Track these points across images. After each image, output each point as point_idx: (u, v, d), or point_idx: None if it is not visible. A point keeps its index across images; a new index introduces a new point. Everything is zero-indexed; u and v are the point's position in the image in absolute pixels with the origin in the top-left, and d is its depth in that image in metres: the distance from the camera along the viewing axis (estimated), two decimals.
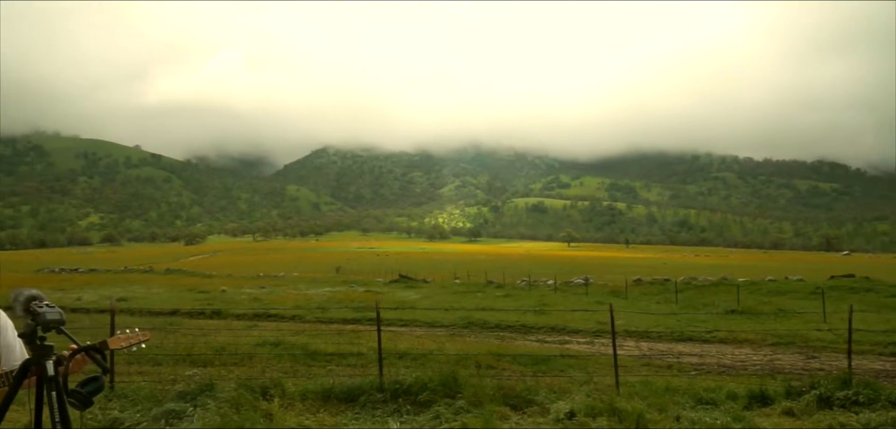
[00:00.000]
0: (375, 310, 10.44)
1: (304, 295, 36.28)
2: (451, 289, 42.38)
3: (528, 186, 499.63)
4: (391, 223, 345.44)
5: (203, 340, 15.13)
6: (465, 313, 23.70)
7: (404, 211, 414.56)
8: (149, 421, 7.09)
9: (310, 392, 8.47)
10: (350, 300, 31.56)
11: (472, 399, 7.73)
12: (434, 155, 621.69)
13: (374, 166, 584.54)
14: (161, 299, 32.24)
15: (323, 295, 36.37)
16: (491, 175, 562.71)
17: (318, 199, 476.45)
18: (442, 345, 15.71)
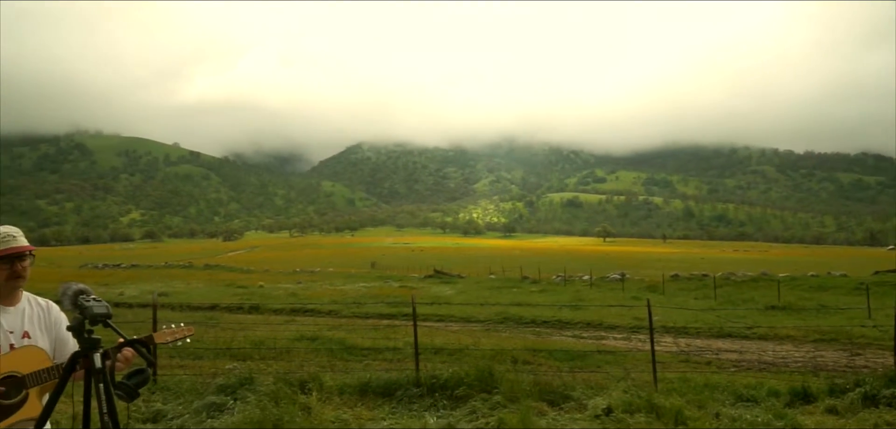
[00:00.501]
0: (411, 305, 10.47)
1: (339, 290, 36.58)
2: (485, 284, 42.36)
3: (562, 180, 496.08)
4: (425, 219, 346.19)
5: (242, 334, 15.35)
6: (500, 309, 23.66)
7: (438, 206, 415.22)
8: (191, 413, 7.21)
9: (347, 386, 8.53)
10: (385, 296, 31.73)
11: (508, 394, 7.71)
12: (468, 150, 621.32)
13: (408, 162, 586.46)
14: (201, 294, 32.79)
15: (358, 290, 36.64)
16: (525, 170, 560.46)
17: (352, 195, 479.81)
18: (477, 340, 15.71)
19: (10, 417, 2.89)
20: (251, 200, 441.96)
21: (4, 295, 3.10)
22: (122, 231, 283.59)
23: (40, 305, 3.24)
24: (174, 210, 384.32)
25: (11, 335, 3.05)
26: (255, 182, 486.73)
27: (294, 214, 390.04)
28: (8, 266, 3.07)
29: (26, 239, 3.18)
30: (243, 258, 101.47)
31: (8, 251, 3.06)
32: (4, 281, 3.08)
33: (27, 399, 2.94)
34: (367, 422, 7.09)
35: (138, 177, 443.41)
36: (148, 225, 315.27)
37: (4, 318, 3.07)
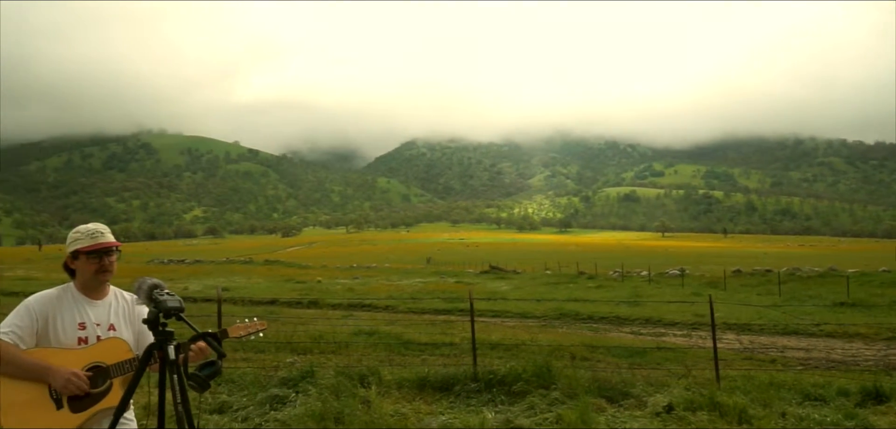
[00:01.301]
0: (468, 300, 10.52)
1: (396, 285, 36.91)
2: (541, 280, 42.12)
3: (619, 175, 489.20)
4: (480, 214, 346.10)
5: (302, 328, 15.65)
6: (556, 304, 23.51)
7: (493, 202, 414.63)
8: (255, 405, 7.41)
9: (405, 381, 8.63)
10: (441, 291, 31.87)
11: (566, 390, 7.67)
12: (522, 145, 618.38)
13: (462, 157, 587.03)
14: (261, 289, 33.54)
15: (414, 286, 36.90)
16: (581, 164, 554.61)
17: (408, 191, 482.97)
18: (534, 336, 15.66)
19: (95, 405, 3.04)
20: (308, 196, 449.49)
21: (92, 288, 3.26)
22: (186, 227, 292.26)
23: (126, 298, 3.39)
24: (234, 207, 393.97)
25: (98, 327, 3.21)
26: (312, 179, 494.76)
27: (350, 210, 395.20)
28: (96, 261, 3.22)
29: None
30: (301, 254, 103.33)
31: (96, 247, 3.21)
32: (92, 275, 3.23)
33: (111, 388, 3.09)
34: (426, 416, 7.16)
35: (200, 175, 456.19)
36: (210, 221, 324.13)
37: (92, 310, 3.23)
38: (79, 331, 3.16)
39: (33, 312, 3.11)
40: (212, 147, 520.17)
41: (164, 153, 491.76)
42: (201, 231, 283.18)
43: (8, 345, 3.00)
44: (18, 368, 2.98)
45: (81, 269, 3.24)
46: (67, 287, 3.27)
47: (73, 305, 3.20)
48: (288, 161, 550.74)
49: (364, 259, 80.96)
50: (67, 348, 3.10)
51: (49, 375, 2.99)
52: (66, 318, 3.16)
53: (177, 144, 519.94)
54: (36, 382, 2.99)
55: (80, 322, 3.18)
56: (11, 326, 3.05)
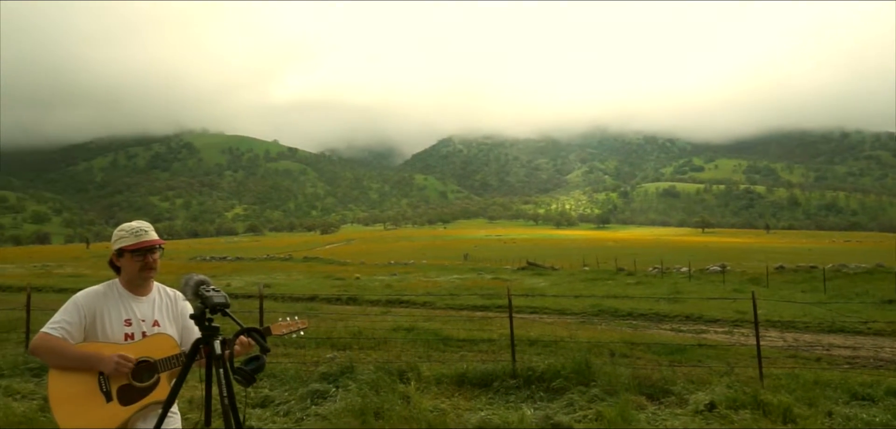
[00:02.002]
0: (506, 297, 10.52)
1: (433, 282, 37.02)
2: (579, 276, 41.82)
3: (658, 170, 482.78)
4: (517, 210, 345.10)
5: (342, 324, 15.80)
6: (595, 301, 23.34)
7: (530, 198, 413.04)
8: (296, 400, 7.52)
9: (444, 377, 8.67)
10: (479, 287, 31.87)
11: (606, 387, 7.63)
12: (559, 141, 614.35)
13: (499, 154, 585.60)
14: (301, 286, 33.93)
15: (452, 282, 36.96)
16: (619, 160, 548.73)
17: (444, 187, 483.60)
18: (573, 333, 15.57)
19: (143, 399, 3.13)
20: (346, 194, 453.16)
21: (137, 285, 3.35)
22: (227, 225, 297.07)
23: (169, 295, 3.48)
24: (274, 205, 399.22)
25: (143, 323, 3.30)
26: (349, 177, 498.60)
27: (388, 207, 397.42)
28: (140, 258, 3.30)
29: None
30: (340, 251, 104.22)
31: (140, 245, 3.30)
32: (137, 273, 3.32)
33: (159, 383, 3.18)
34: (465, 412, 7.19)
35: (241, 173, 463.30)
36: (250, 219, 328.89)
37: (137, 307, 3.32)
38: (125, 327, 3.25)
39: (81, 309, 3.20)
40: (252, 146, 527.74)
41: (205, 153, 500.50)
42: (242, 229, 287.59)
43: (58, 339, 3.10)
44: (69, 359, 3.08)
45: (126, 266, 3.32)
46: (113, 284, 3.35)
47: (119, 302, 3.29)
48: (326, 159, 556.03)
49: (402, 256, 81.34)
50: (115, 344, 3.18)
51: (99, 362, 3.08)
52: (113, 314, 3.25)
53: (218, 143, 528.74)
54: (86, 372, 3.08)
55: (126, 318, 3.26)
56: (60, 321, 3.15)
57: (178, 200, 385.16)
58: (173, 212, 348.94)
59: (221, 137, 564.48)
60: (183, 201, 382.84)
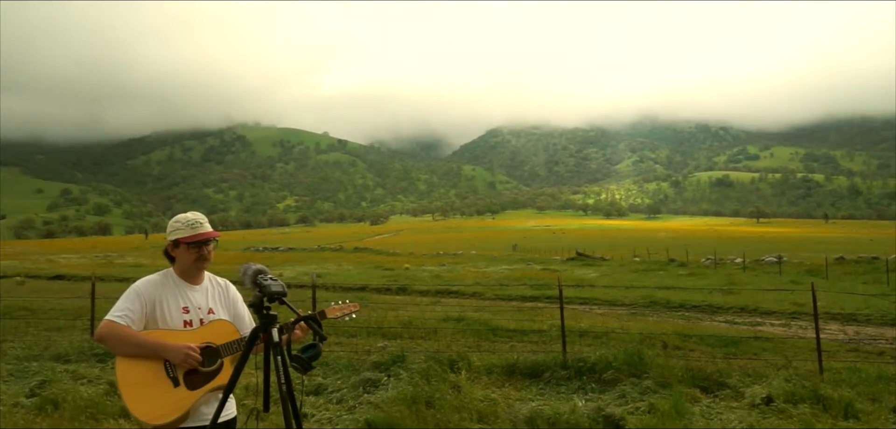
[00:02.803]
0: (556, 287, 10.47)
1: (482, 272, 37.01)
2: (630, 267, 41.30)
3: (711, 159, 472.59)
4: (566, 201, 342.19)
5: (392, 314, 15.95)
6: (646, 292, 23.03)
7: (580, 188, 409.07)
8: (348, 388, 7.64)
9: (494, 367, 8.68)
10: (528, 278, 31.75)
11: (658, 379, 7.54)
12: (609, 130, 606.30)
13: (548, 144, 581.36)
14: (351, 276, 34.32)
15: (501, 273, 36.90)
16: (670, 149, 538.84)
17: (493, 178, 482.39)
18: (624, 324, 15.41)
19: (209, 383, 3.23)
20: (395, 185, 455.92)
21: (191, 275, 3.44)
22: (279, 216, 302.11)
23: (219, 283, 3.57)
24: (325, 196, 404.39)
25: (199, 311, 3.39)
26: (398, 168, 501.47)
27: (436, 198, 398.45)
28: (195, 251, 3.39)
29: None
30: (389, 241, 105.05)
31: (196, 237, 3.39)
32: (191, 264, 3.41)
33: (222, 367, 3.27)
34: (516, 402, 7.19)
35: (292, 165, 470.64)
36: (301, 210, 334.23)
37: (193, 295, 3.42)
38: (183, 315, 3.34)
39: (142, 297, 3.30)
40: (302, 139, 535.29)
41: (258, 145, 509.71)
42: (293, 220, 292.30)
43: (122, 326, 3.20)
44: (136, 347, 3.18)
45: (181, 257, 3.41)
46: (168, 273, 3.45)
47: (176, 290, 3.39)
48: (375, 151, 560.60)
49: (450, 246, 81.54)
50: (175, 331, 3.29)
51: (167, 351, 3.17)
52: (171, 302, 3.34)
53: (270, 136, 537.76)
54: (152, 359, 3.18)
55: (183, 306, 3.36)
56: (124, 309, 3.25)
57: (232, 191, 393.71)
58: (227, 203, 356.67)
59: (273, 129, 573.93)
60: (236, 193, 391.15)
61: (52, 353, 10.00)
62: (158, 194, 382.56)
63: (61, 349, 10.19)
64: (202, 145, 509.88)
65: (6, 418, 6.30)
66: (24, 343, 11.32)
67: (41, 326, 14.10)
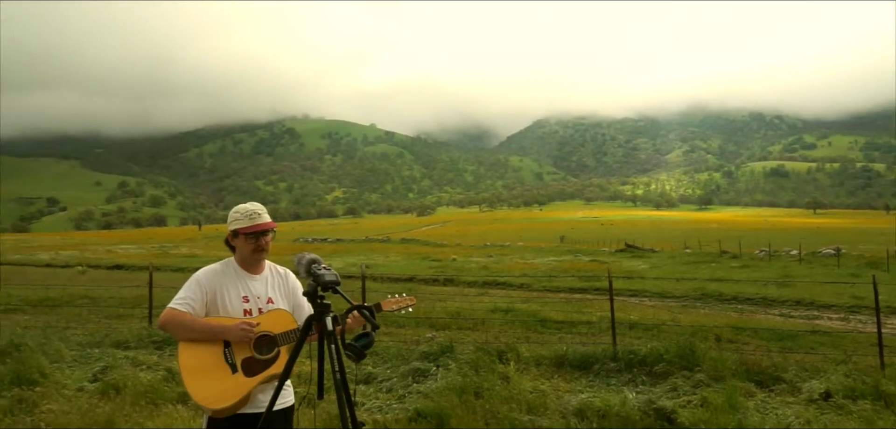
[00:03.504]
0: (606, 279, 10.38)
1: (530, 264, 36.87)
2: (680, 259, 40.63)
3: (765, 148, 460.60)
4: (615, 191, 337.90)
5: (440, 305, 16.03)
6: (697, 284, 22.63)
7: (629, 179, 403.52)
8: (398, 377, 7.71)
9: (543, 358, 8.66)
10: (576, 269, 31.52)
11: (711, 373, 7.41)
12: (659, 120, 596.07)
13: (596, 134, 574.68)
14: (399, 267, 34.59)
15: (548, 264, 36.70)
16: (723, 138, 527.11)
17: (540, 169, 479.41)
18: (675, 316, 15.20)
19: (265, 370, 3.30)
20: (442, 176, 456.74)
21: (251, 265, 3.52)
22: (328, 208, 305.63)
23: (280, 273, 3.64)
24: (372, 188, 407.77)
25: (259, 300, 3.47)
26: (445, 159, 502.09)
27: (483, 189, 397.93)
28: (253, 241, 3.46)
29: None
30: (436, 233, 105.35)
31: (254, 228, 3.46)
32: (250, 253, 3.48)
33: (279, 356, 3.34)
34: (565, 394, 7.15)
35: (340, 157, 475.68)
36: (349, 202, 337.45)
37: (253, 284, 3.49)
38: (243, 304, 3.42)
39: (203, 285, 3.39)
40: (350, 131, 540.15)
41: (306, 138, 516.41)
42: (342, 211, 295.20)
43: (184, 313, 3.30)
44: (196, 332, 3.28)
45: (240, 247, 3.49)
46: (229, 262, 3.53)
47: (236, 280, 3.47)
48: (422, 142, 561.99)
49: (497, 238, 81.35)
50: (235, 318, 3.37)
51: (224, 331, 3.26)
52: (231, 291, 3.42)
53: (318, 128, 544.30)
54: (213, 345, 3.27)
55: (243, 295, 3.44)
56: (185, 297, 3.35)
57: (282, 183, 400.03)
58: (277, 195, 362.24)
59: (321, 122, 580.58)
60: (286, 185, 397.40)
61: (113, 340, 10.34)
62: (211, 186, 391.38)
63: (121, 336, 10.54)
64: (252, 138, 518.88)
65: (71, 402, 6.54)
66: (87, 330, 11.74)
67: (102, 314, 14.60)
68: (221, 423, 3.27)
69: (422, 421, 5.89)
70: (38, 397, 6.64)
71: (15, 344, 8.23)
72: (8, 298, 17.51)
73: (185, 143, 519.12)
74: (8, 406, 6.45)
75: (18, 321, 13.14)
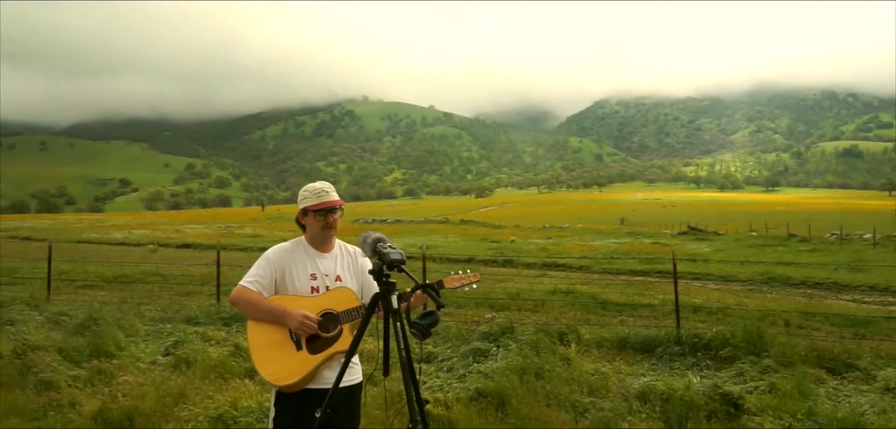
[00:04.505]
0: (671, 261, 10.21)
1: (589, 246, 36.48)
2: (746, 242, 39.52)
3: (837, 127, 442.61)
4: (678, 173, 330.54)
5: (499, 286, 16.03)
6: (764, 268, 22.02)
7: (692, 160, 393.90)
8: (458, 357, 7.76)
9: (605, 340, 8.59)
10: (636, 252, 31.04)
11: (780, 358, 7.22)
12: (724, 99, 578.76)
13: (658, 115, 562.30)
14: (458, 248, 34.67)
15: (608, 246, 36.24)
16: (791, 118, 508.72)
17: (600, 150, 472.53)
18: (740, 300, 14.83)
19: (329, 348, 3.37)
20: (500, 157, 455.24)
21: (320, 243, 3.58)
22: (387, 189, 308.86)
23: (349, 251, 3.70)
24: (431, 169, 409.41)
25: (327, 278, 3.53)
26: (504, 140, 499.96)
27: (542, 170, 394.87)
28: (322, 218, 3.52)
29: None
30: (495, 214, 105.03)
31: (322, 205, 3.53)
32: (319, 231, 3.55)
33: (342, 333, 3.41)
34: (627, 377, 7.09)
35: (399, 139, 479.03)
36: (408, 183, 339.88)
37: (321, 262, 3.56)
38: (311, 281, 3.50)
39: (272, 264, 3.49)
40: (409, 112, 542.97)
41: (366, 120, 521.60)
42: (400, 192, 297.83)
43: (253, 292, 3.40)
44: (262, 312, 3.38)
45: (310, 225, 3.56)
46: (299, 241, 3.61)
47: (305, 258, 3.54)
48: (480, 123, 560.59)
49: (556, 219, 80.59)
50: (301, 297, 3.44)
51: (285, 317, 3.34)
52: (300, 269, 3.51)
53: (377, 110, 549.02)
54: (276, 324, 3.37)
55: (311, 273, 3.51)
56: (255, 276, 3.45)
57: (342, 165, 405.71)
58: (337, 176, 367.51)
59: (380, 103, 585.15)
60: (346, 166, 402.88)
61: (183, 316, 10.72)
62: (273, 168, 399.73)
63: (191, 312, 10.92)
64: (313, 120, 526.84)
65: (146, 374, 6.83)
66: (159, 306, 12.20)
67: (172, 290, 15.15)
68: (288, 398, 3.36)
69: (483, 400, 5.92)
70: (115, 369, 6.96)
71: (93, 318, 8.63)
72: (86, 275, 18.35)
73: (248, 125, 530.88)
74: (88, 377, 6.79)
75: (96, 297, 13.76)
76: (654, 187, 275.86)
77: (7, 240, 40.59)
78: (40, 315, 10.09)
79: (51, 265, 14.00)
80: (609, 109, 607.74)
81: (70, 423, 5.61)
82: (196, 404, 5.82)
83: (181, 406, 5.81)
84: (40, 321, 9.55)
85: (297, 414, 3.33)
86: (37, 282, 15.41)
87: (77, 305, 11.27)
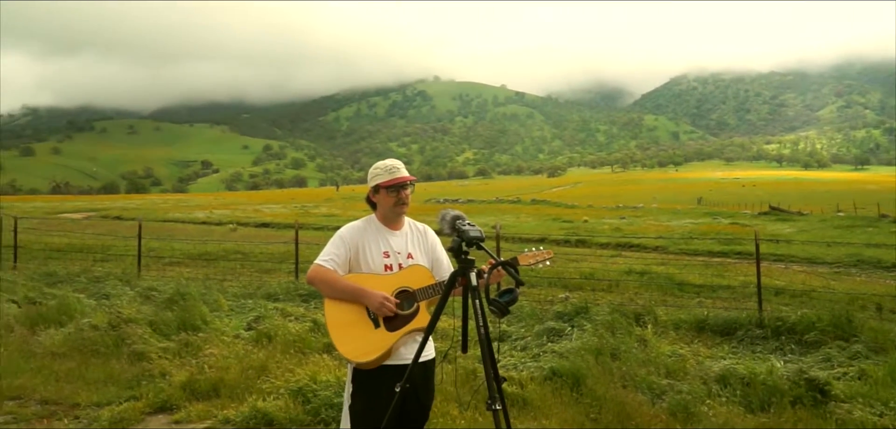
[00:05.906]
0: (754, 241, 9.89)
1: (665, 226, 35.63)
2: (832, 222, 37.79)
3: None
4: (759, 151, 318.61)
5: (573, 266, 15.89)
6: (852, 250, 20.97)
7: (774, 137, 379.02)
8: (532, 336, 7.75)
9: (682, 322, 8.41)
10: (714, 232, 30.10)
11: (871, 344, 6.90)
12: (809, 73, 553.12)
13: (738, 90, 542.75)
14: (530, 227, 34.49)
15: (685, 227, 35.31)
16: (884, 92, 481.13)
17: (677, 128, 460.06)
18: (827, 283, 14.24)
19: (406, 325, 3.41)
20: (573, 136, 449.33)
21: (391, 220, 3.60)
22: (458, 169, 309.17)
23: (419, 229, 3.71)
24: (502, 148, 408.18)
25: (399, 256, 3.55)
26: (576, 119, 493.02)
27: (616, 149, 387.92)
28: (394, 194, 3.54)
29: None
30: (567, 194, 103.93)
31: (394, 181, 3.54)
32: (390, 208, 3.56)
33: (418, 311, 3.44)
34: (706, 359, 6.91)
35: (470, 118, 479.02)
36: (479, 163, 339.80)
37: (393, 240, 3.58)
38: (384, 259, 3.52)
39: (346, 242, 3.52)
40: (480, 92, 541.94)
41: (437, 100, 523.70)
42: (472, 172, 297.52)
43: (329, 270, 3.45)
44: (340, 291, 3.42)
45: (381, 202, 3.57)
46: (370, 219, 3.63)
47: (377, 236, 3.56)
48: (552, 102, 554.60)
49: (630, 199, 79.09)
50: (376, 274, 3.49)
51: (364, 297, 3.38)
52: (373, 247, 3.53)
53: (449, 90, 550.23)
54: (353, 304, 3.42)
55: (384, 251, 3.53)
56: (330, 255, 3.49)
57: (414, 145, 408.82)
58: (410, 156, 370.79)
59: (452, 83, 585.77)
60: (418, 147, 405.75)
61: (264, 292, 11.09)
62: (347, 149, 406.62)
63: (271, 289, 11.28)
64: (386, 101, 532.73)
65: (230, 347, 7.11)
66: (241, 283, 12.65)
67: (253, 268, 15.68)
68: (365, 374, 3.41)
69: (557, 380, 5.90)
70: (201, 342, 7.28)
71: (181, 293, 9.02)
72: (172, 252, 19.19)
73: (322, 107, 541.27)
74: (176, 349, 7.13)
75: (182, 273, 14.38)
76: (733, 166, 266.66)
77: (100, 219, 42.81)
78: (132, 290, 10.65)
79: (141, 243, 14.69)
80: (686, 86, 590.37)
81: (161, 392, 5.89)
82: (277, 376, 6.01)
83: (263, 379, 6.02)
84: (132, 296, 10.08)
85: (375, 390, 3.38)
86: (128, 259, 16.22)
87: (165, 281, 11.81)
